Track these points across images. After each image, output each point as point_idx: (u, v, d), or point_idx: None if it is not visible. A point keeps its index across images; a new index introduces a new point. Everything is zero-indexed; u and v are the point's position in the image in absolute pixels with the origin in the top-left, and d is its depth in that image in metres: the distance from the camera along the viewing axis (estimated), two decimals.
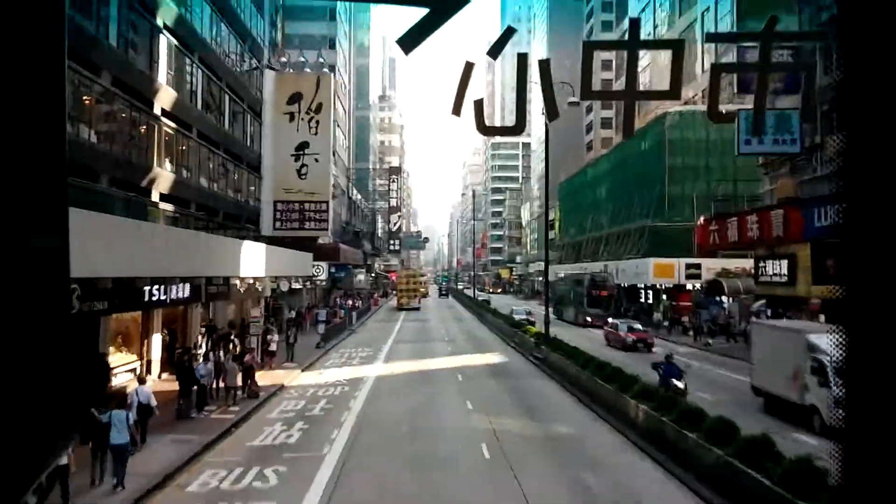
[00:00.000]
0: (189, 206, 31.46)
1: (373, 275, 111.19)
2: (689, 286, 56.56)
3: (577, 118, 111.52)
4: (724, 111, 5.43)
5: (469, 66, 4.41)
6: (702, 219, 50.22)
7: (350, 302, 69.25)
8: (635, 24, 5.70)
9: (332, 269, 67.93)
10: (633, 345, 39.79)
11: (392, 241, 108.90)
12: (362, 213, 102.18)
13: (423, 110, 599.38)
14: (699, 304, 53.87)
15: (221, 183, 36.81)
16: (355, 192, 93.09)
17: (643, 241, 61.82)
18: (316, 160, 44.36)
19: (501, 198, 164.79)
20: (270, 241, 40.22)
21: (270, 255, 35.47)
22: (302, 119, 44.21)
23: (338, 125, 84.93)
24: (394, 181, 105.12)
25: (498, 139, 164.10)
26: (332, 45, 79.71)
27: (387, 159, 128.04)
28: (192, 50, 31.98)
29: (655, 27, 76.02)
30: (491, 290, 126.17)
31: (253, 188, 44.24)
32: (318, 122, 44.52)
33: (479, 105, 4.73)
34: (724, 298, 51.97)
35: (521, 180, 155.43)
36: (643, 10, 72.87)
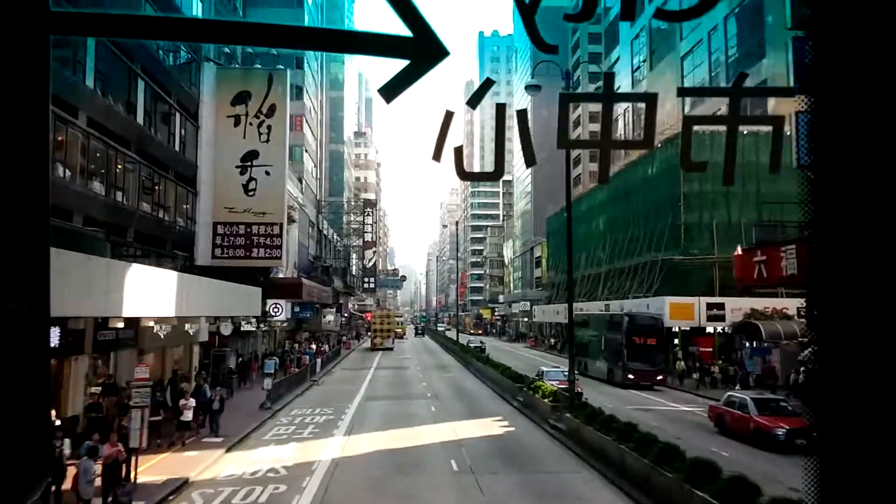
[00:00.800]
0: (70, 218, 21.92)
1: (345, 315, 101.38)
2: (709, 329, 47.60)
3: (563, 152, 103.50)
4: (695, 161, 4.81)
5: (449, 115, 4.13)
6: (739, 249, 41.55)
7: (316, 346, 59.50)
8: (609, 77, 5.33)
9: (296, 309, 58.31)
10: (788, 441, 21.22)
11: (367, 279, 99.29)
12: (334, 249, 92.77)
13: (399, 151, 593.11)
14: (722, 348, 45.04)
15: (132, 193, 27.26)
16: (326, 225, 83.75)
17: (654, 277, 52.84)
18: (267, 173, 34.99)
19: (482, 236, 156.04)
20: (208, 272, 30.74)
21: (202, 290, 26.05)
22: (250, 123, 34.91)
23: (306, 151, 75.91)
24: (368, 214, 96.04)
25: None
26: (300, 65, 70.98)
27: (362, 195, 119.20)
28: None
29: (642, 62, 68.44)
30: (472, 332, 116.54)
31: (187, 206, 34.78)
32: (269, 126, 35.24)
33: (458, 151, 4.48)
34: (753, 344, 43.17)
35: (502, 218, 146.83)
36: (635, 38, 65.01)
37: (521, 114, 4.62)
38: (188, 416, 21.97)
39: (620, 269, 60.01)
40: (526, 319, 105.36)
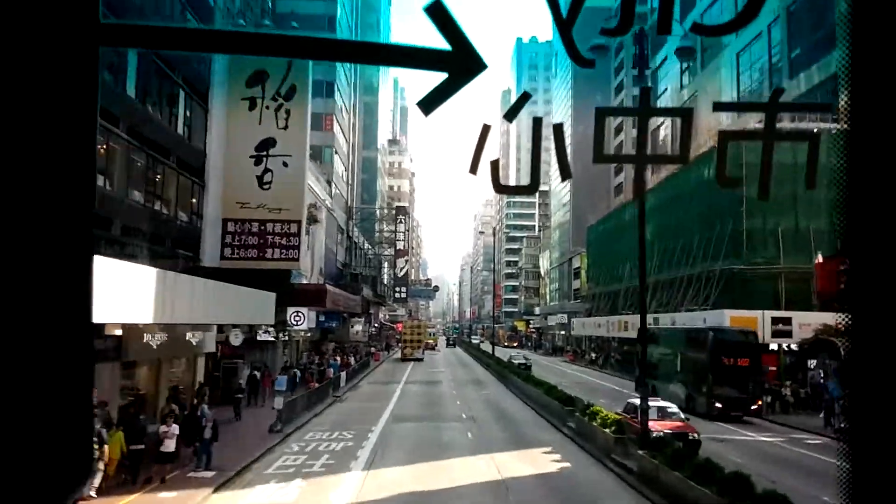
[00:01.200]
0: None
1: (375, 325, 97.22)
2: (772, 346, 42.43)
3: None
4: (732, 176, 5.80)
5: (486, 129, 4.19)
6: (820, 257, 36.57)
7: (341, 358, 55.31)
8: (646, 92, 6.78)
9: (321, 318, 54.16)
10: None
11: (398, 289, 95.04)
12: (366, 258, 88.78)
13: (433, 161, 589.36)
14: (789, 369, 40.11)
15: (119, 179, 23.18)
16: (357, 232, 79.72)
17: (711, 288, 47.86)
18: (285, 164, 30.75)
19: (517, 247, 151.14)
20: (216, 273, 26.61)
21: (198, 293, 21.93)
22: (267, 107, 30.69)
23: (336, 153, 72.09)
24: (401, 222, 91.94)
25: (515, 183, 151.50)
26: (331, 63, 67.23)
27: (395, 204, 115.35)
28: None
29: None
30: (507, 344, 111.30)
31: (193, 200, 30.73)
32: (288, 111, 31.00)
33: (495, 165, 4.46)
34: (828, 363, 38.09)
35: (538, 228, 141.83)
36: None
37: (557, 128, 4.47)
38: (169, 445, 17.65)
39: (670, 279, 55.05)
40: (563, 332, 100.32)
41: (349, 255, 75.86)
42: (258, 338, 38.83)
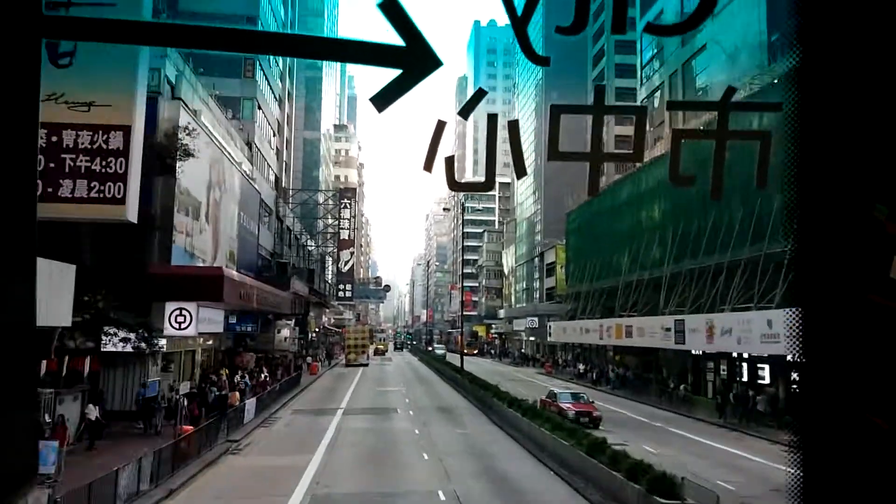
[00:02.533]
0: None
1: (316, 330, 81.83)
2: None
3: (580, 139, 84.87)
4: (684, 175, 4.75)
5: (441, 125, 4.08)
6: None
7: (259, 375, 40.23)
8: (600, 90, 5.36)
9: (232, 320, 39.13)
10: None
11: (342, 287, 79.70)
12: (304, 250, 73.50)
13: (381, 162, 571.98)
14: None
15: None
16: (290, 216, 64.47)
17: (768, 280, 33.83)
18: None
19: (476, 244, 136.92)
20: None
21: None
22: None
23: (260, 108, 56.87)
24: (345, 207, 76.74)
25: (472, 177, 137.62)
26: None
27: (340, 187, 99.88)
28: None
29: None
30: (465, 352, 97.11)
31: None
32: None
33: (450, 161, 4.39)
34: None
35: (498, 223, 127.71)
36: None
37: (513, 125, 4.28)
38: None
39: (696, 270, 41.06)
40: (533, 339, 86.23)
41: (281, 244, 60.64)
42: (107, 348, 24.12)
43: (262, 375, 41.13)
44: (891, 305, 1.52)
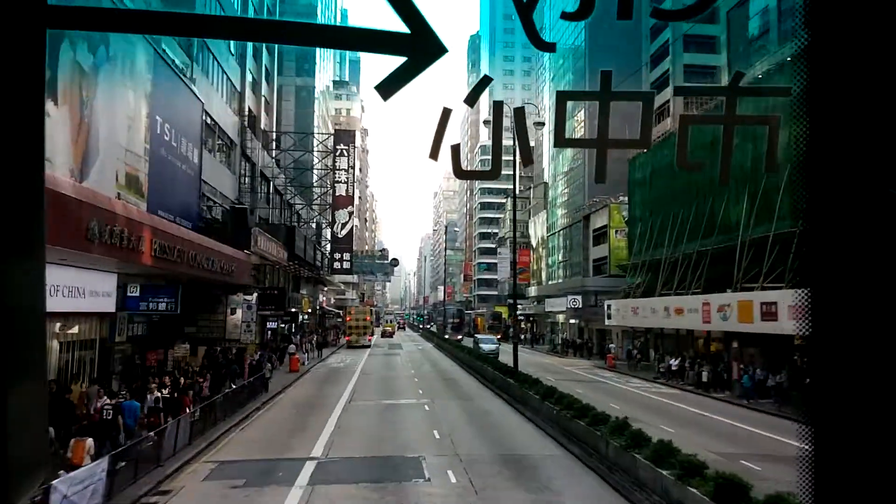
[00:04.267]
0: None
1: (308, 312, 64.67)
2: None
3: (633, 73, 67.14)
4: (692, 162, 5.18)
5: (447, 112, 4.16)
6: None
7: (189, 387, 22.97)
8: (606, 76, 4.51)
9: (133, 291, 22.01)
10: None
11: (338, 256, 62.09)
12: (291, 210, 56.36)
13: (387, 145, 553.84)
14: None
15: None
16: (266, 160, 47.21)
17: None
18: None
19: (493, 215, 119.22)
20: None
21: None
22: None
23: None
24: (342, 154, 59.14)
25: (486, 140, 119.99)
26: None
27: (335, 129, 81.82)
28: None
29: None
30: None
31: None
32: None
33: (456, 149, 4.51)
34: None
35: (516, 189, 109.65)
36: None
37: (519, 111, 4.41)
38: None
39: None
40: (574, 321, 68.83)
41: (254, 196, 43.51)
42: None
43: (196, 386, 23.81)
44: None
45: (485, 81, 4.35)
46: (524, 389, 27.57)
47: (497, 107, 4.16)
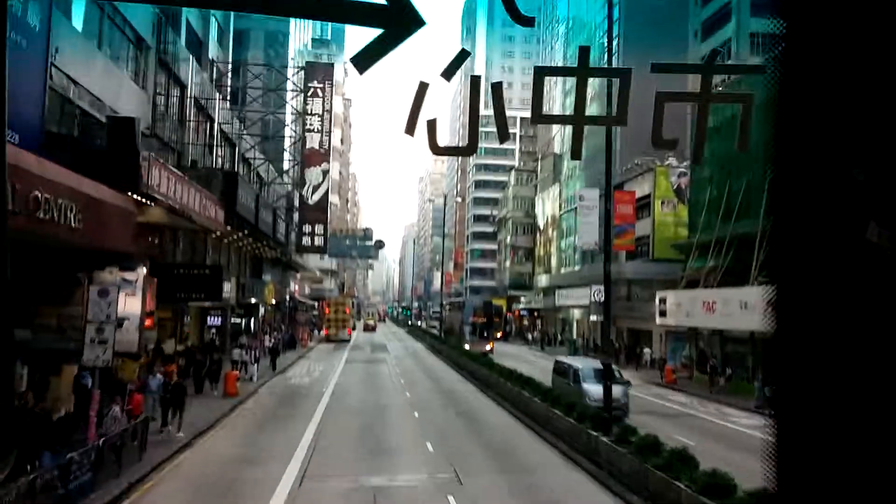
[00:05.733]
0: None
1: (273, 303, 50.94)
2: None
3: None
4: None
5: (423, 86, 4.13)
6: None
7: None
8: (584, 51, 5.50)
9: None
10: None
11: (308, 228, 47.85)
12: (248, 167, 42.71)
13: (369, 129, 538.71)
14: None
15: None
16: (200, 76, 33.41)
17: None
18: None
19: (490, 195, 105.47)
20: None
21: None
22: None
23: None
24: (316, 94, 45.15)
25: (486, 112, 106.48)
26: None
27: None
28: None
29: None
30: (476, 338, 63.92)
31: None
32: None
33: (432, 125, 4.33)
34: None
35: (519, 163, 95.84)
36: None
37: (496, 87, 4.35)
38: None
39: None
40: (596, 318, 55.22)
41: (182, 131, 29.85)
42: None
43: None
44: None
45: (462, 56, 4.29)
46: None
47: (474, 81, 4.10)
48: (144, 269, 17.39)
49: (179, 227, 27.26)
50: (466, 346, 44.92)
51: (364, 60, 2.40)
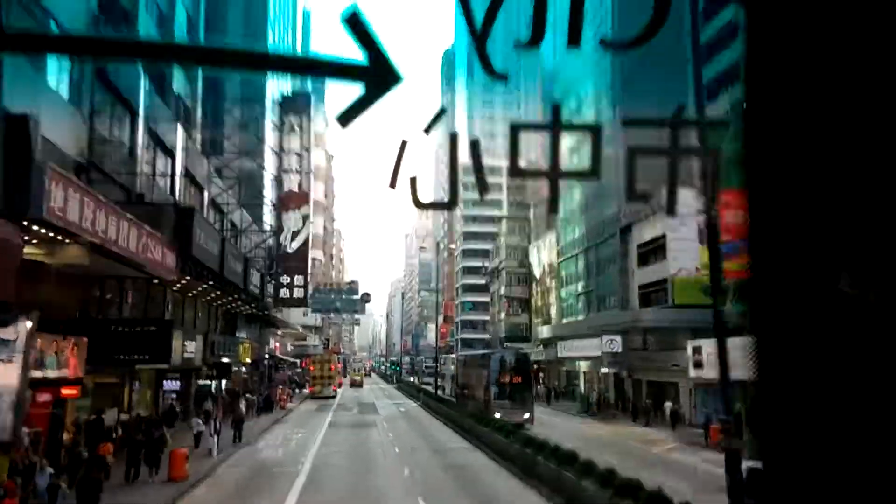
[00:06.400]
0: None
1: (247, 362, 45.56)
2: None
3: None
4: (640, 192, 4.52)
5: (404, 144, 4.20)
6: None
7: None
8: (556, 109, 5.46)
9: None
10: None
11: (286, 279, 42.51)
12: (230, 225, 37.93)
13: (353, 187, 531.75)
14: None
15: None
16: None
17: None
18: None
19: (481, 247, 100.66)
20: None
21: None
22: None
23: None
24: (293, 128, 40.45)
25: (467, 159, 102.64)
26: None
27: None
28: None
29: None
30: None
31: None
32: None
33: (413, 181, 4.43)
34: None
35: (508, 211, 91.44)
36: None
37: (474, 143, 4.41)
38: None
39: None
40: (609, 370, 49.98)
41: (120, 157, 25.16)
42: None
43: None
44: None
45: (441, 113, 4.47)
46: None
47: (452, 138, 4.08)
48: (29, 324, 12.18)
49: (121, 274, 22.20)
50: (497, 415, 33.88)
51: (346, 118, 2.28)
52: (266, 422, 38.35)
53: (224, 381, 35.92)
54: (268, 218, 46.18)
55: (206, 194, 37.03)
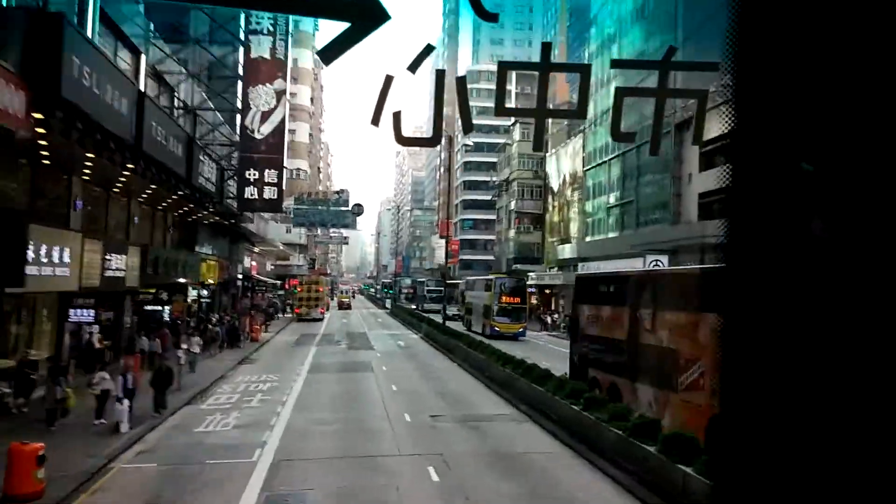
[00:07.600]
0: None
1: (210, 283, 36.02)
2: None
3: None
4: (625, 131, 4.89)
5: (389, 79, 4.22)
6: None
7: None
8: (546, 47, 5.39)
9: None
10: None
11: (253, 174, 32.36)
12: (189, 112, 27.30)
13: (342, 104, 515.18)
14: None
15: None
16: None
17: None
18: None
19: (485, 159, 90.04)
20: None
21: None
22: None
23: None
24: None
25: (478, 67, 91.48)
26: None
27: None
28: None
29: None
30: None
31: None
32: None
33: (397, 116, 4.52)
34: None
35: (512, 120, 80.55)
36: None
37: (460, 80, 4.52)
38: None
39: None
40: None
41: None
42: None
43: None
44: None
45: (427, 50, 4.56)
46: None
47: (438, 76, 3.85)
48: None
49: None
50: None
51: (330, 53, 2.48)
52: (229, 361, 28.86)
53: (165, 308, 26.35)
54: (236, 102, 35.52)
55: (142, 58, 26.34)
